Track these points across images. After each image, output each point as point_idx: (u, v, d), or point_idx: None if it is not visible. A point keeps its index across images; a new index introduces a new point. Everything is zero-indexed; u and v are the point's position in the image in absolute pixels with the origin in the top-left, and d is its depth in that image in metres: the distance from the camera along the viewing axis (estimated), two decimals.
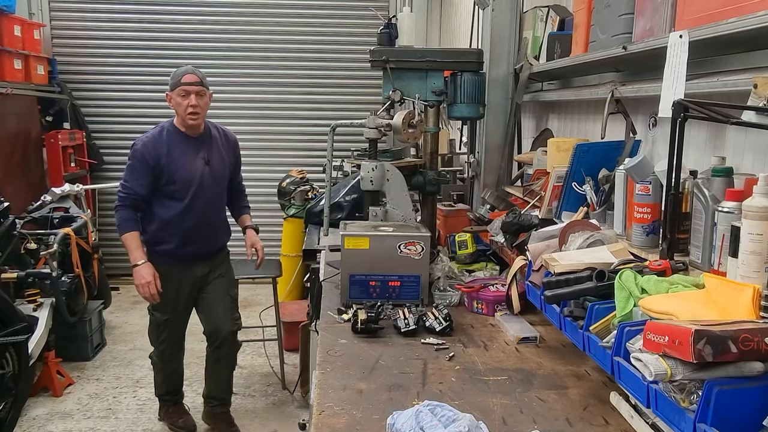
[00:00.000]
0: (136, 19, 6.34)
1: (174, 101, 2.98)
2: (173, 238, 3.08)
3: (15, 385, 3.43)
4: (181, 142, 3.03)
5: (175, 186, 3.01)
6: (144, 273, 2.97)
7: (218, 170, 3.15)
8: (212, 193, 3.13)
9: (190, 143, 3.06)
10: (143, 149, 2.96)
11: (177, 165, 3.00)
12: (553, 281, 1.63)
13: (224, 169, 3.20)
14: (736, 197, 1.34)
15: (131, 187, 2.97)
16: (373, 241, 2.22)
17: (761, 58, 1.48)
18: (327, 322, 2.13)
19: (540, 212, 2.27)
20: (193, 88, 2.95)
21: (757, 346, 1.01)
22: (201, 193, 3.06)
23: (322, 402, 1.56)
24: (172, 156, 2.99)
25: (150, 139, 3.00)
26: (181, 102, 2.95)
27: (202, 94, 2.98)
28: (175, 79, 2.97)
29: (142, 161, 2.96)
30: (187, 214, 3.06)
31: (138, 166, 2.97)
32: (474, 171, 3.38)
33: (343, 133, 4.86)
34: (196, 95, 2.95)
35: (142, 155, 2.96)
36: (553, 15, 2.86)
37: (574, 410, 1.52)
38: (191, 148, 3.05)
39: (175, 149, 3.00)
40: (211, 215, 3.16)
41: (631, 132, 2.09)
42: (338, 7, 6.52)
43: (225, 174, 3.21)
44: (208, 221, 3.15)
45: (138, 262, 2.97)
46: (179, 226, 3.07)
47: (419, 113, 2.51)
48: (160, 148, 2.98)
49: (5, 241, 3.76)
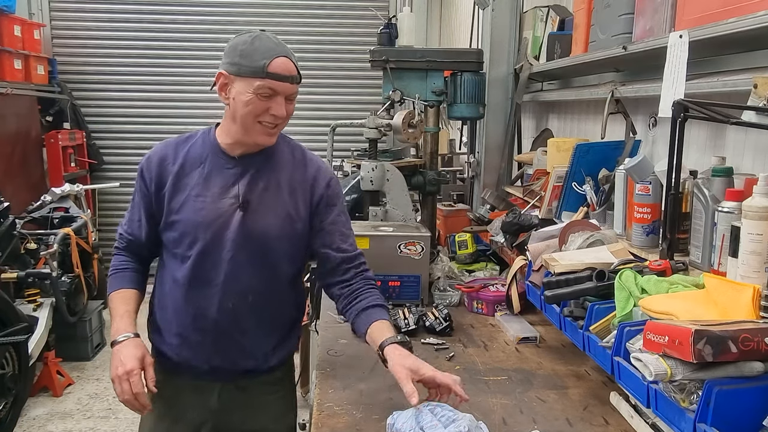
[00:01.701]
0: (136, 19, 6.34)
1: (240, 97, 1.57)
2: (169, 326, 1.72)
3: (15, 385, 3.43)
4: (211, 163, 1.67)
5: (174, 233, 1.66)
6: (124, 356, 1.57)
7: (263, 222, 1.65)
8: (248, 263, 1.65)
9: (224, 168, 1.67)
10: (145, 163, 1.70)
11: (184, 198, 1.65)
12: (553, 281, 1.63)
13: (281, 223, 1.67)
14: (736, 197, 1.34)
15: (126, 223, 1.77)
16: (373, 241, 2.22)
17: (761, 58, 1.48)
18: (327, 322, 2.13)
19: (540, 212, 2.26)
20: (286, 88, 1.58)
21: (757, 346, 1.01)
22: (220, 258, 1.63)
23: (322, 402, 1.56)
24: (182, 181, 1.66)
25: (162, 147, 1.72)
26: (257, 103, 1.57)
27: (293, 99, 1.64)
28: (255, 61, 1.54)
29: (139, 183, 1.71)
30: (191, 291, 1.66)
31: (136, 191, 1.74)
32: (474, 171, 3.38)
33: (343, 133, 4.87)
34: (287, 99, 1.61)
35: (141, 173, 1.70)
36: (553, 15, 2.86)
37: (574, 410, 1.52)
38: (222, 176, 1.66)
39: (193, 172, 1.67)
40: (242, 304, 1.66)
41: (631, 132, 2.09)
42: (338, 7, 6.52)
43: (282, 232, 1.67)
44: (236, 315, 1.66)
45: (117, 337, 1.61)
46: (176, 309, 1.69)
47: (419, 113, 2.51)
48: (169, 164, 1.67)
49: (5, 241, 3.76)
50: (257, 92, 1.55)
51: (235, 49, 1.57)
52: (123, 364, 1.55)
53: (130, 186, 7.64)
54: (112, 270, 1.77)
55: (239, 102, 1.57)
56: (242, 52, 1.55)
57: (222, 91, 1.61)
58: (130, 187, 7.32)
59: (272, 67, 1.54)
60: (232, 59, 1.57)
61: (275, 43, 1.58)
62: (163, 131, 6.48)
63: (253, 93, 1.55)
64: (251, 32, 1.60)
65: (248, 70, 1.55)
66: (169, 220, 1.66)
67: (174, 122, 6.46)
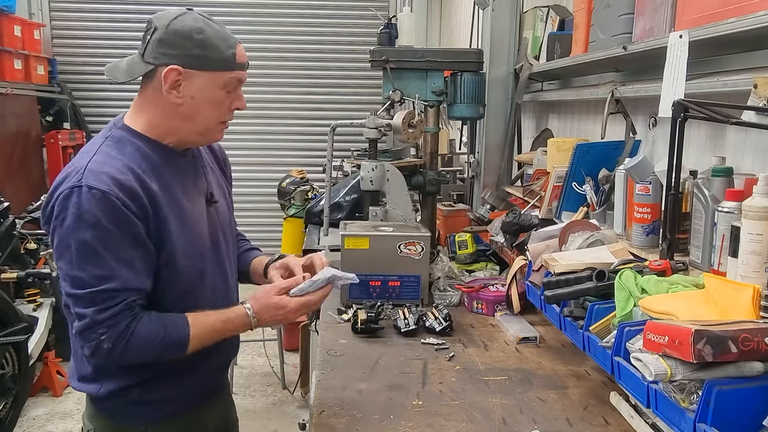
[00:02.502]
0: (136, 19, 6.34)
1: (205, 95, 1.36)
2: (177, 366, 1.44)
3: (15, 385, 3.43)
4: (172, 166, 1.43)
5: (187, 260, 1.42)
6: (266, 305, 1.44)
7: (224, 211, 1.59)
8: (223, 257, 1.56)
9: (181, 167, 1.46)
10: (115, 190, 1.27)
11: (177, 219, 1.40)
12: (553, 281, 1.63)
13: (228, 206, 1.64)
14: (736, 197, 1.34)
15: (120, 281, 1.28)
16: (373, 241, 2.21)
17: (761, 58, 1.48)
18: (327, 322, 2.12)
19: (540, 212, 2.26)
20: (245, 76, 1.42)
21: (757, 346, 1.01)
22: (209, 263, 1.50)
23: (322, 402, 1.56)
24: (168, 199, 1.38)
25: (117, 167, 1.30)
26: (222, 101, 1.39)
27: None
28: (221, 52, 1.35)
29: (119, 217, 1.27)
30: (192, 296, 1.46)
31: (118, 238, 1.27)
32: (474, 171, 3.38)
33: (343, 133, 4.86)
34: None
35: (122, 209, 1.27)
36: (553, 15, 2.86)
37: (574, 410, 1.52)
38: (186, 176, 1.47)
39: (168, 183, 1.40)
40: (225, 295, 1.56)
41: (631, 132, 2.09)
42: (338, 7, 6.52)
43: (231, 215, 1.65)
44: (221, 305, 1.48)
45: (246, 307, 1.43)
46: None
47: (419, 113, 2.51)
48: (141, 188, 1.32)
49: (5, 241, 3.76)
50: (226, 87, 1.36)
51: (187, 38, 1.31)
52: (278, 308, 1.43)
53: None
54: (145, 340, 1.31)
55: (204, 101, 1.35)
56: (202, 42, 1.31)
57: (174, 89, 1.33)
58: None
59: (238, 56, 1.36)
60: (188, 51, 1.31)
61: (224, 26, 1.39)
62: None
63: (222, 88, 1.36)
64: (188, 14, 1.35)
65: (215, 63, 1.33)
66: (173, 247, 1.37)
67: None
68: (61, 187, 1.28)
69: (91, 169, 1.28)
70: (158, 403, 1.46)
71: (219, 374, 1.67)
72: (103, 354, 1.29)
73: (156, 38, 1.33)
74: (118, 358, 1.31)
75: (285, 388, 4.07)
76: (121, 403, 1.43)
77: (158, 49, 1.33)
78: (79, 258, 1.26)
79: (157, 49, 1.33)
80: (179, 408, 1.50)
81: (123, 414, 1.45)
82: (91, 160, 1.30)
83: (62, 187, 1.28)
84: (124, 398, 1.42)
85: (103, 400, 1.44)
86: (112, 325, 1.27)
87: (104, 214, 1.25)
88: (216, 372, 1.63)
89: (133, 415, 1.45)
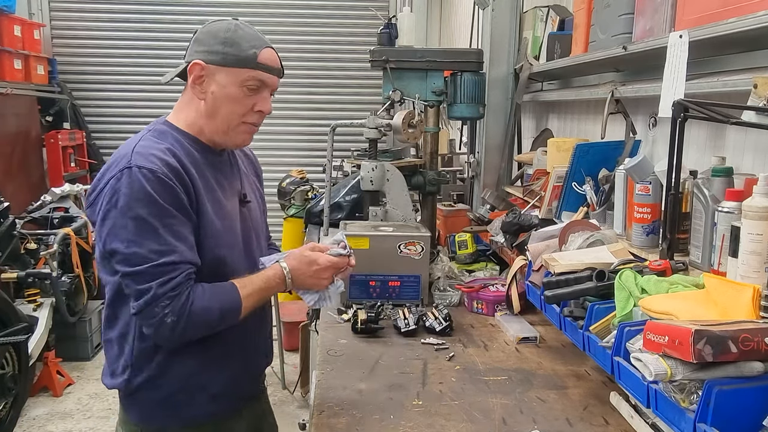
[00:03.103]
0: (136, 19, 6.34)
1: (224, 90, 1.40)
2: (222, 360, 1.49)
3: (15, 385, 3.43)
4: (209, 163, 1.47)
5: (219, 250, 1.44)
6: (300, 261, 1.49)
7: (256, 214, 1.63)
8: (254, 255, 1.57)
9: (217, 165, 1.50)
10: (163, 170, 1.32)
11: (214, 209, 1.43)
12: (553, 281, 1.63)
13: (261, 211, 1.68)
14: (736, 197, 1.34)
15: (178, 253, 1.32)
16: (373, 241, 2.21)
17: (761, 58, 1.48)
18: (327, 322, 2.12)
19: (540, 212, 2.26)
20: (274, 81, 1.46)
21: (757, 346, 1.01)
22: (239, 257, 1.51)
23: (322, 402, 1.56)
24: (207, 189, 1.43)
25: (162, 151, 1.36)
26: (244, 99, 1.42)
27: (273, 95, 1.51)
28: (243, 50, 1.40)
29: (171, 194, 1.33)
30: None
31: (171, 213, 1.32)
32: (474, 171, 3.38)
33: (343, 133, 4.86)
34: (270, 95, 1.49)
35: (172, 186, 1.33)
36: (553, 15, 2.86)
37: (574, 410, 1.52)
38: (223, 175, 1.51)
39: (206, 177, 1.44)
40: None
41: (631, 132, 2.09)
42: (338, 7, 6.52)
43: (263, 219, 1.69)
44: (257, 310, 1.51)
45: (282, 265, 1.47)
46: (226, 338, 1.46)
47: (419, 113, 2.51)
48: (185, 173, 1.37)
49: (5, 241, 3.76)
50: (245, 85, 1.40)
51: (215, 36, 1.39)
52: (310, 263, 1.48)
53: None
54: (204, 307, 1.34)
55: (222, 97, 1.40)
56: (226, 40, 1.39)
57: (197, 84, 1.41)
58: None
59: (262, 57, 1.41)
60: (212, 47, 1.39)
61: (258, 33, 1.45)
62: None
63: (240, 86, 1.40)
64: (227, 19, 1.44)
65: (235, 60, 1.38)
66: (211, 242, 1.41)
67: None
68: (110, 172, 1.33)
69: (138, 152, 1.34)
70: (189, 405, 1.45)
71: (252, 381, 1.65)
72: (167, 329, 1.30)
73: (193, 39, 1.44)
74: (181, 331, 1.31)
75: (285, 388, 4.07)
76: (151, 404, 1.44)
77: (191, 48, 1.43)
78: (136, 235, 1.29)
79: (191, 47, 1.43)
80: (211, 412, 1.49)
81: (154, 417, 1.45)
82: (137, 145, 1.37)
83: (111, 172, 1.33)
84: (154, 395, 1.43)
85: (134, 402, 1.45)
86: (174, 297, 1.29)
87: (156, 190, 1.30)
88: (249, 378, 1.61)
89: (164, 418, 1.45)
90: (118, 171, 1.31)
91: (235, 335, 1.48)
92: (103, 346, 1.49)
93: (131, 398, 1.45)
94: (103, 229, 1.33)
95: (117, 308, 1.42)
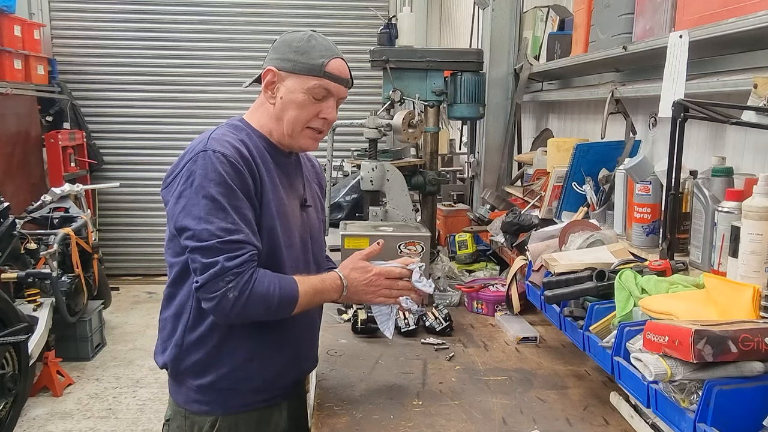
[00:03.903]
0: (136, 19, 6.35)
1: (292, 96, 1.47)
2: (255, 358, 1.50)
3: (15, 385, 3.43)
4: (276, 162, 1.53)
5: (277, 246, 1.48)
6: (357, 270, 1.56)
7: (315, 220, 1.67)
8: (310, 258, 1.62)
9: (284, 166, 1.56)
10: (235, 155, 1.40)
11: (275, 204, 1.48)
12: (553, 281, 1.63)
13: (319, 220, 1.72)
14: (736, 197, 1.34)
15: (245, 234, 1.38)
16: (373, 241, 2.21)
17: (761, 58, 1.48)
18: (327, 322, 2.12)
19: (540, 212, 2.26)
20: (340, 91, 1.52)
21: (757, 346, 1.01)
22: (295, 257, 1.55)
23: (322, 402, 1.56)
24: (271, 185, 1.48)
25: (235, 140, 1.44)
26: (309, 106, 1.48)
27: (340, 104, 1.57)
28: (312, 59, 1.47)
29: (240, 179, 1.39)
30: None
31: (239, 196, 1.39)
32: (474, 171, 3.38)
33: (343, 133, 4.87)
34: (337, 103, 1.55)
35: (242, 171, 1.40)
36: (553, 15, 2.86)
37: (574, 410, 1.52)
38: (287, 176, 1.56)
39: (272, 174, 1.50)
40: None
41: (631, 132, 2.09)
42: (338, 7, 6.52)
43: (320, 228, 1.72)
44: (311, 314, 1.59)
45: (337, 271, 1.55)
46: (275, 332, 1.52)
47: (419, 113, 2.51)
48: (254, 163, 1.45)
49: (5, 241, 3.76)
50: (311, 92, 1.47)
51: (289, 45, 1.48)
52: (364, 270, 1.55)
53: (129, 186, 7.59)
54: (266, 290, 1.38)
55: (289, 102, 1.48)
56: (298, 49, 1.47)
57: (268, 89, 1.50)
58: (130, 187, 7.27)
59: (330, 66, 1.48)
60: (285, 55, 1.48)
61: (331, 44, 1.52)
62: (164, 131, 6.49)
63: (307, 93, 1.47)
64: (303, 30, 1.52)
65: (304, 68, 1.46)
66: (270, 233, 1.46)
67: (174, 122, 6.47)
68: (187, 156, 1.42)
69: (214, 138, 1.43)
70: (233, 395, 1.50)
71: (297, 381, 1.66)
72: (228, 304, 1.34)
73: (271, 47, 1.53)
74: (240, 309, 1.35)
75: None
76: (196, 390, 1.49)
77: (268, 55, 1.52)
78: (207, 212, 1.35)
79: (268, 55, 1.52)
80: (252, 403, 1.52)
81: (198, 402, 1.50)
82: (214, 132, 1.46)
83: (188, 156, 1.42)
84: (200, 382, 1.47)
85: (181, 385, 1.51)
86: (239, 273, 1.34)
87: (228, 173, 1.37)
88: (294, 377, 1.62)
89: (208, 404, 1.50)
90: (195, 154, 1.39)
91: (284, 333, 1.52)
92: (159, 325, 1.56)
93: (178, 381, 1.52)
94: (176, 207, 1.39)
95: (176, 288, 1.48)
